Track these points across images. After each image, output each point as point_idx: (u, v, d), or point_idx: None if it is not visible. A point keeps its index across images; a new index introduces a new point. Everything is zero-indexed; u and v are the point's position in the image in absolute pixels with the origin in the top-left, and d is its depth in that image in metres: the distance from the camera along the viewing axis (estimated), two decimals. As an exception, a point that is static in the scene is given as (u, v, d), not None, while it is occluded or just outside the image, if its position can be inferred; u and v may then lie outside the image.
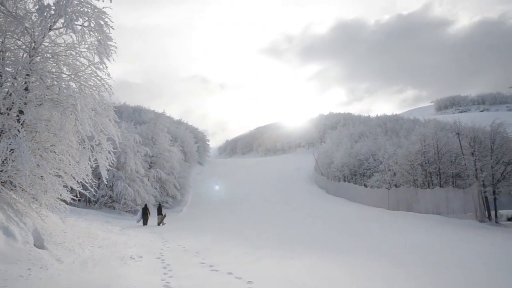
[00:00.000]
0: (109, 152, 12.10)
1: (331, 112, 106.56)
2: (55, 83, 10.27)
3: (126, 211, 27.70)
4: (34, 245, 8.94)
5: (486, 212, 27.88)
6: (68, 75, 10.67)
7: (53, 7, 9.40)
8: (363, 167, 47.60)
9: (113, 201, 27.69)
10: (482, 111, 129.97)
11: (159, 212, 23.59)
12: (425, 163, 33.23)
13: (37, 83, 10.33)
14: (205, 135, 79.23)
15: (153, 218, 23.89)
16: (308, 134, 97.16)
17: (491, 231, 22.66)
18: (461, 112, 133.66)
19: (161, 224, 22.64)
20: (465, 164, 29.49)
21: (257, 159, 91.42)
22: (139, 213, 22.94)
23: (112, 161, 12.48)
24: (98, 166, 11.97)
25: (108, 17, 10.44)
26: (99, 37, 10.33)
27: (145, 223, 22.13)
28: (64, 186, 11.36)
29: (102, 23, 10.29)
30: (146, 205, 23.86)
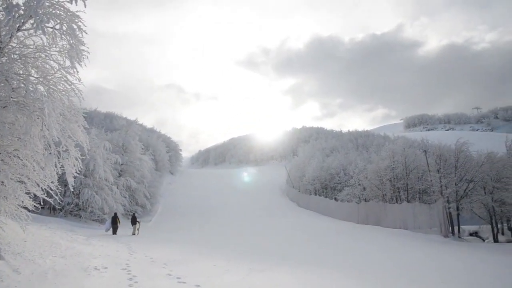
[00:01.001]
0: (77, 159, 11.74)
1: (304, 126, 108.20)
2: (22, 85, 9.91)
3: (93, 220, 26.81)
4: (-11, 254, 8.48)
5: (450, 228, 28.83)
6: (36, 78, 10.33)
7: (22, 7, 9.13)
8: (334, 181, 48.33)
9: (80, 209, 26.76)
10: (447, 130, 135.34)
11: (134, 221, 22.98)
12: (394, 178, 34.14)
13: (2, 84, 9.94)
14: (178, 144, 78.30)
15: (123, 228, 23.24)
16: (281, 147, 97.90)
17: (454, 246, 23.37)
18: (428, 130, 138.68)
19: (136, 233, 22.18)
20: (431, 181, 30.49)
21: (230, 170, 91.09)
22: (108, 222, 22.31)
23: (80, 168, 12.11)
24: (65, 172, 11.57)
25: (82, 21, 10.23)
26: (71, 41, 10.10)
27: (114, 232, 21.51)
28: (26, 193, 10.89)
29: (75, 27, 10.07)
30: (115, 213, 23.17)
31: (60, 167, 11.52)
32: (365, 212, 34.40)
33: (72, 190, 21.34)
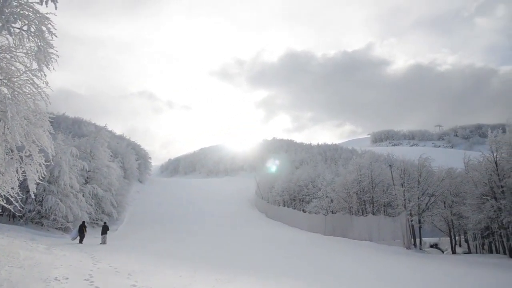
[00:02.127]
0: (41, 165, 11.41)
1: (275, 137, 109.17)
2: (-17, 86, 9.63)
3: (56, 228, 25.84)
4: None
5: (412, 240, 29.83)
6: (0, 79, 10.04)
7: (-14, 5, 8.93)
8: (303, 193, 48.93)
9: (42, 216, 25.72)
10: (411, 145, 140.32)
11: (105, 231, 22.32)
12: (360, 191, 35.04)
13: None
14: (147, 152, 76.96)
15: (88, 237, 22.43)
16: (251, 158, 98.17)
17: (415, 257, 24.20)
18: (393, 145, 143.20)
19: (105, 243, 21.59)
20: (395, 194, 31.53)
21: (200, 179, 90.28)
22: (75, 230, 21.61)
23: (44, 174, 11.77)
24: (27, 178, 11.21)
25: (52, 23, 10.07)
26: (39, 43, 9.90)
27: (81, 241, 20.84)
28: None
29: (44, 29, 9.89)
30: (83, 222, 22.45)
31: (22, 173, 11.17)
32: (332, 224, 35.02)
33: (34, 197, 20.58)
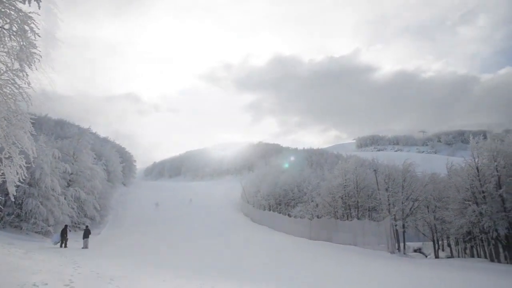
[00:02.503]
0: (21, 167, 11.11)
1: (261, 141, 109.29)
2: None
3: (36, 232, 25.17)
4: None
5: (397, 244, 30.11)
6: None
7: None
8: (288, 197, 48.99)
9: (21, 220, 25.03)
10: (396, 151, 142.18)
11: (87, 235, 21.61)
12: (345, 196, 35.23)
13: None
14: (132, 155, 76.06)
15: (69, 241, 21.93)
16: (237, 161, 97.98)
17: (399, 261, 24.39)
18: (378, 150, 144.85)
19: (87, 247, 21.00)
20: (380, 199, 31.81)
21: (185, 183, 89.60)
22: (57, 235, 21.05)
23: (24, 176, 11.46)
24: (5, 181, 10.89)
25: (35, 23, 9.86)
26: (21, 43, 9.68)
27: (64, 245, 20.38)
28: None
29: (27, 28, 9.69)
30: (66, 226, 21.85)
31: (1, 175, 10.86)
32: (317, 228, 35.08)
33: (14, 200, 20.02)
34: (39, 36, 10.02)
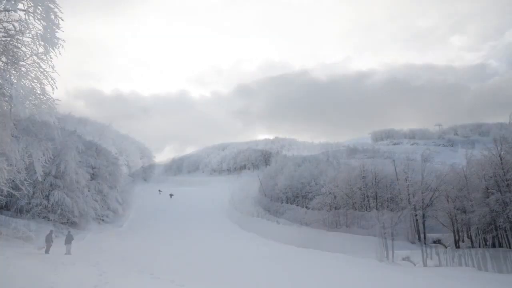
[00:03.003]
0: (47, 149, 11.39)
1: (277, 136, 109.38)
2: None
3: (62, 223, 25.89)
4: None
5: (417, 235, 29.95)
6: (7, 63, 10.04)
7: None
8: (305, 190, 49.05)
9: (48, 211, 25.86)
10: (412, 144, 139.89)
11: (69, 241, 19.99)
12: (364, 187, 35.16)
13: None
14: (151, 151, 77.33)
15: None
16: (253, 156, 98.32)
17: (387, 270, 23.52)
18: (394, 144, 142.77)
19: (69, 253, 19.58)
20: (399, 189, 31.64)
21: (203, 178, 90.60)
22: (42, 240, 19.77)
23: (50, 157, 11.74)
24: (32, 164, 11.09)
25: (58, 7, 9.83)
26: (45, 24, 9.61)
27: (47, 251, 19.13)
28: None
29: (51, 6, 9.82)
30: (51, 231, 20.53)
31: (28, 157, 11.11)
32: (307, 236, 34.15)
33: (41, 191, 20.19)
34: (62, 20, 10.10)
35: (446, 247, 34.71)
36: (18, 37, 9.93)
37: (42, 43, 9.83)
